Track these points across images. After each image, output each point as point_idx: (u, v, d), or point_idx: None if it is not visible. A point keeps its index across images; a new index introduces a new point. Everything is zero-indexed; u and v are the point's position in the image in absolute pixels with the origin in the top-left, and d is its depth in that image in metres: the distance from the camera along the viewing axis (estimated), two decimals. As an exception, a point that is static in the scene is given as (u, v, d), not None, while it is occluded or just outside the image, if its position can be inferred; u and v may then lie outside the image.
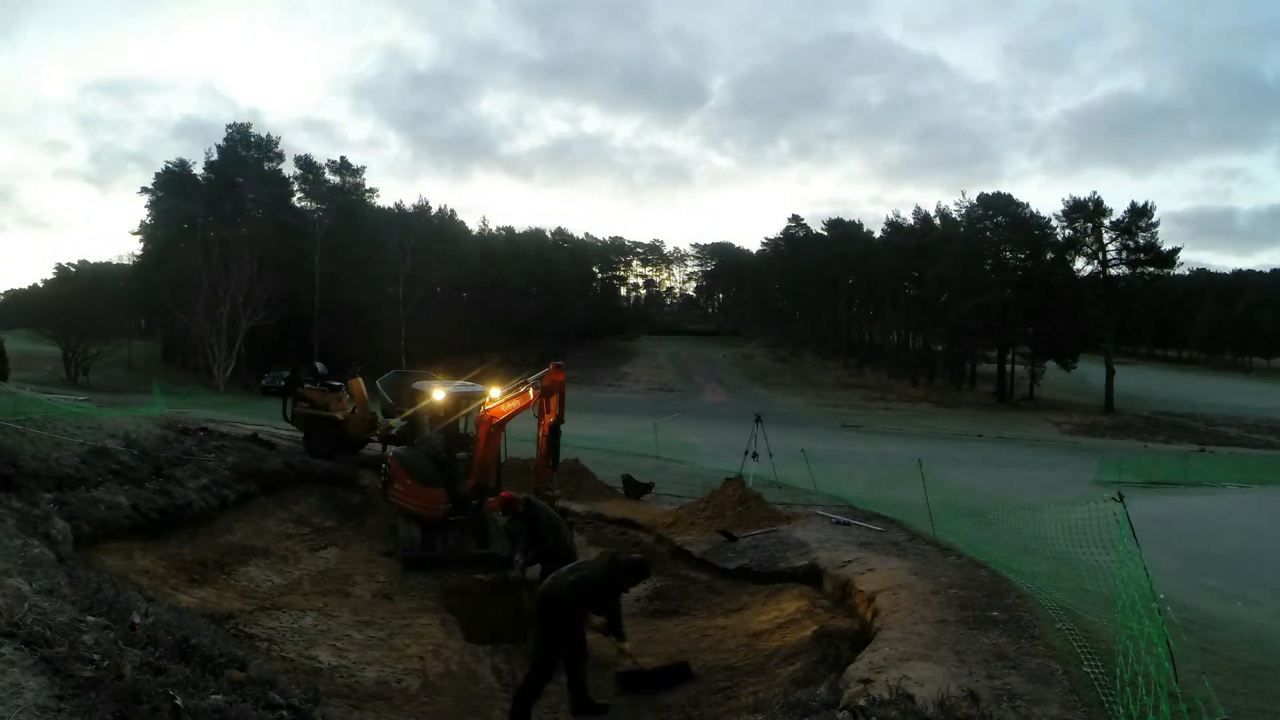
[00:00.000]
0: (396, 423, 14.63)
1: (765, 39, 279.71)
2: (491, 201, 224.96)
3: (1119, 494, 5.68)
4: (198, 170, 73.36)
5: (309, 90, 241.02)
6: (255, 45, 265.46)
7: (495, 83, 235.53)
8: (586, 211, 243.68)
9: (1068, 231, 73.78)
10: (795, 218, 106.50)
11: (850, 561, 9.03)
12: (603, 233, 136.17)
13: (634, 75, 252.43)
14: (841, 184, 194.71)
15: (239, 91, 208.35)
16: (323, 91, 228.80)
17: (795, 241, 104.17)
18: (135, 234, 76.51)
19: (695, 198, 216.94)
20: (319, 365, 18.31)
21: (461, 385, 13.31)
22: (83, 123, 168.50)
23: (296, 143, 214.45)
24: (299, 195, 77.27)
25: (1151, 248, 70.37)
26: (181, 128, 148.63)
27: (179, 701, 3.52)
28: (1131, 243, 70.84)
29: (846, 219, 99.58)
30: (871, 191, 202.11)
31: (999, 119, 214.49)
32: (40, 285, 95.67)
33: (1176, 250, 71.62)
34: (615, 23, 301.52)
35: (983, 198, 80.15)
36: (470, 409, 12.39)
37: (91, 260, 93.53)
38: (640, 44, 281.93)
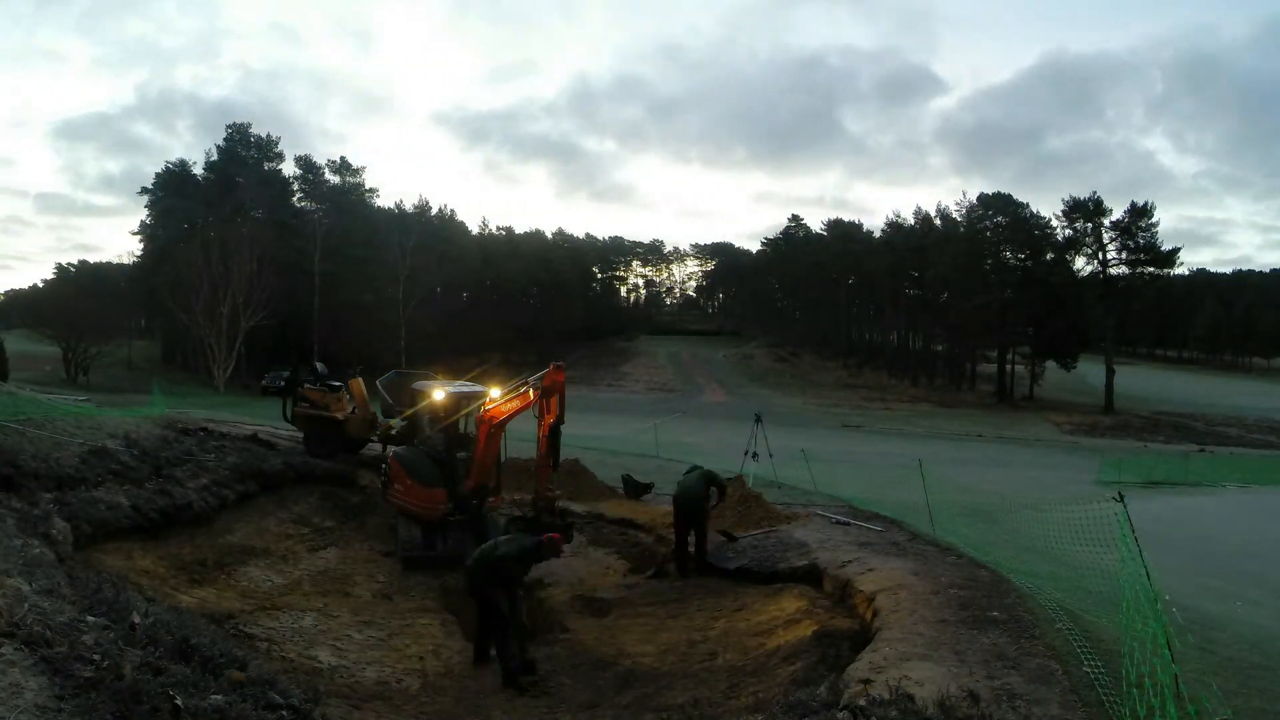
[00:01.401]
0: (396, 423, 14.61)
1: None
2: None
3: (1119, 494, 5.66)
4: (198, 170, 73.54)
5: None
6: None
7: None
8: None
9: (1068, 231, 73.79)
10: (795, 217, 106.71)
11: (850, 561, 9.03)
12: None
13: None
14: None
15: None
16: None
17: (795, 241, 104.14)
18: (135, 234, 76.66)
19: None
20: (319, 365, 18.27)
21: (461, 385, 13.30)
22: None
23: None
24: (299, 195, 77.28)
25: (1151, 248, 70.31)
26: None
27: (179, 701, 3.52)
28: (1131, 243, 70.81)
29: (846, 219, 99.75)
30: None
31: None
32: (40, 285, 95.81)
33: (1176, 250, 71.67)
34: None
35: (983, 198, 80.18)
36: (470, 409, 12.37)
37: (91, 260, 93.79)
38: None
